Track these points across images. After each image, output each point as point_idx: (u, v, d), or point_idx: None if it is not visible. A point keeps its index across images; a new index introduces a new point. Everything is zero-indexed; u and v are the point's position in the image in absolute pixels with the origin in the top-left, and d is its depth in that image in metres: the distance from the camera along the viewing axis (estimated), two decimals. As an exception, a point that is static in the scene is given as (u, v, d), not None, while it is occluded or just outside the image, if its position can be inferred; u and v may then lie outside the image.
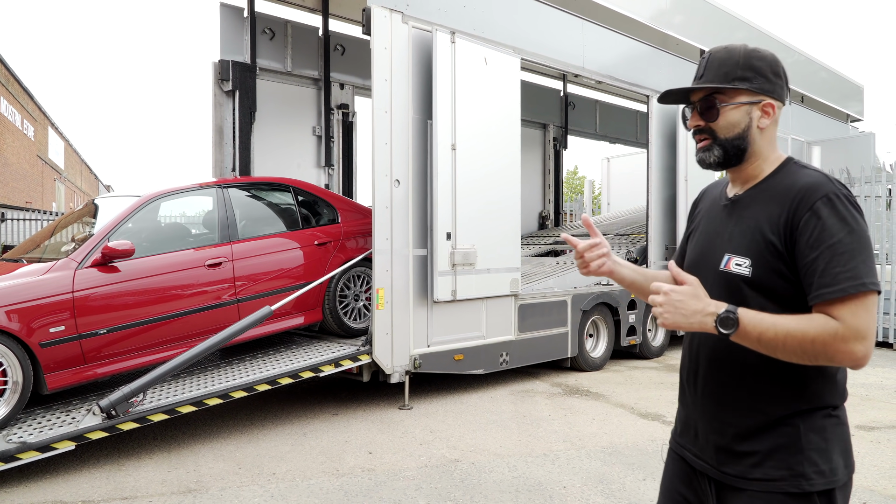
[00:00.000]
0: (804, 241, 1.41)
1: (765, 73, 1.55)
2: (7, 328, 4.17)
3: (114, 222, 4.90)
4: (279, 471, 4.29)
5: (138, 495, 3.89)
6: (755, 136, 1.56)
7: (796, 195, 1.45)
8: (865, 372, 7.64)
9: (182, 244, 5.30)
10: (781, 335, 1.35)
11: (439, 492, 3.95)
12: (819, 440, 1.48)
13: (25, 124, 26.67)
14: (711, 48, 1.62)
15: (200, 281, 5.17)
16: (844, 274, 1.35)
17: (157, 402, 4.60)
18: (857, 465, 4.35)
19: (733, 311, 1.40)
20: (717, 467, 1.58)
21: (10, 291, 4.31)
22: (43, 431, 4.15)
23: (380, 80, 5.62)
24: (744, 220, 1.55)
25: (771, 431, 1.50)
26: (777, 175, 1.56)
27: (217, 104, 7.40)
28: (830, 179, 1.46)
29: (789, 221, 1.44)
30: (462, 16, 6.24)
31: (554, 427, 5.34)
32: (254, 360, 5.56)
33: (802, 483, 1.47)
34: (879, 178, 9.57)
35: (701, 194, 1.84)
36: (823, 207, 1.40)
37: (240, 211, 5.71)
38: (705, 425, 1.61)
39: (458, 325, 6.26)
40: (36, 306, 4.34)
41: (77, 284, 4.53)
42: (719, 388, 1.58)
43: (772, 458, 1.49)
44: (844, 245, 1.37)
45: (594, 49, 7.72)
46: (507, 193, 6.60)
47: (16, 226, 19.27)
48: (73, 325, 4.49)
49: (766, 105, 1.55)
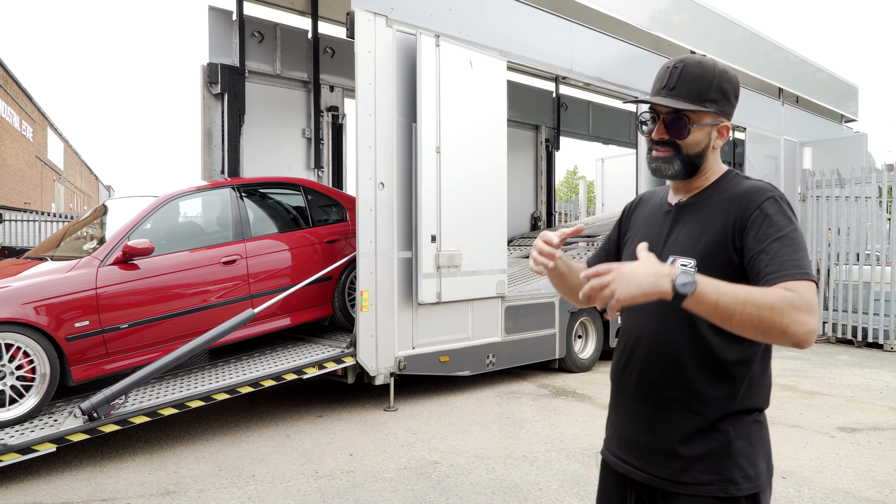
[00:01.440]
0: (752, 235, 1.46)
1: (729, 97, 1.60)
2: (35, 323, 4.40)
3: (133, 222, 5.14)
4: (259, 472, 4.33)
5: (117, 497, 3.92)
6: (709, 154, 1.61)
7: (743, 198, 1.51)
8: (853, 373, 7.67)
9: (198, 242, 5.53)
10: (741, 300, 1.31)
11: (415, 494, 3.98)
12: (746, 446, 1.53)
13: (24, 125, 26.73)
14: (685, 58, 1.60)
15: (216, 278, 5.40)
16: (791, 262, 1.39)
17: (140, 404, 4.64)
18: (834, 467, 4.42)
19: (690, 270, 1.38)
20: (644, 470, 1.59)
21: (38, 288, 4.54)
22: (24, 434, 4.19)
23: (364, 83, 5.65)
24: (689, 225, 1.59)
25: (703, 436, 1.52)
26: (720, 183, 1.61)
27: (206, 107, 7.44)
28: (772, 185, 1.54)
29: (738, 221, 1.49)
30: (448, 19, 6.27)
31: (536, 429, 5.37)
32: (238, 363, 5.60)
33: (731, 488, 1.50)
34: (870, 179, 9.57)
35: (637, 201, 1.85)
36: (770, 206, 1.47)
37: (252, 210, 6.00)
38: (637, 428, 1.62)
39: (444, 327, 6.29)
40: (62, 302, 4.57)
41: (100, 281, 4.78)
42: (653, 390, 1.58)
43: (702, 463, 1.51)
44: (790, 239, 1.42)
45: (582, 51, 7.75)
46: (493, 196, 6.63)
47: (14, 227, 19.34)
48: (97, 320, 4.72)
49: (723, 127, 1.60)
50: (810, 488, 4.07)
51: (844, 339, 9.80)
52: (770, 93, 11.64)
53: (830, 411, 5.94)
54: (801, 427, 5.43)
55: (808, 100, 12.88)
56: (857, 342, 9.61)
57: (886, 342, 9.22)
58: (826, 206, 9.99)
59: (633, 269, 1.33)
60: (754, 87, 11.14)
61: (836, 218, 9.88)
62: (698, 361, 1.53)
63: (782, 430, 5.32)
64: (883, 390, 6.79)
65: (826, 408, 6.07)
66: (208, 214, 6.00)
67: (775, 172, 11.45)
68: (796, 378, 7.37)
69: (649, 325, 1.59)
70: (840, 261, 9.84)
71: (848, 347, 9.54)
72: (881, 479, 4.21)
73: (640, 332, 1.62)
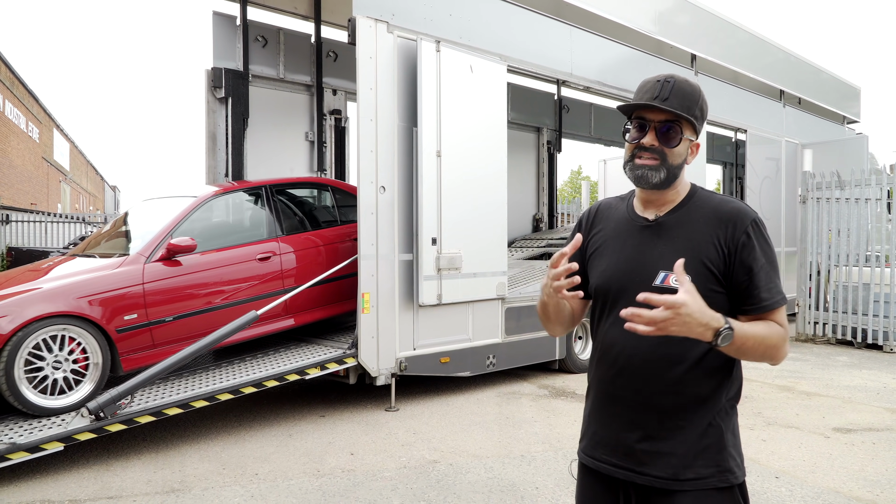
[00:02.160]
0: (743, 261, 1.62)
1: (705, 117, 1.74)
2: (88, 315, 4.73)
3: (175, 220, 5.46)
4: (262, 471, 4.42)
5: (123, 495, 4.02)
6: (681, 168, 1.71)
7: (729, 220, 1.65)
8: (852, 374, 7.73)
9: (235, 240, 5.87)
10: (758, 342, 1.55)
11: (414, 492, 4.06)
12: (734, 437, 1.69)
13: (30, 126, 26.92)
14: (674, 74, 1.69)
15: (252, 273, 5.74)
16: (777, 288, 1.63)
17: (145, 404, 4.74)
18: (827, 467, 4.51)
19: (731, 326, 1.50)
20: (646, 473, 1.64)
21: (90, 283, 4.86)
22: (33, 433, 4.29)
23: (365, 88, 5.74)
24: (675, 240, 1.67)
25: (702, 433, 1.63)
26: (693, 200, 1.72)
27: (210, 111, 7.54)
28: (748, 206, 1.70)
29: (727, 243, 1.63)
30: (448, 24, 6.35)
31: (535, 429, 5.45)
32: (242, 364, 5.69)
33: (729, 477, 1.64)
34: (869, 181, 9.61)
35: (594, 214, 1.87)
36: (754, 233, 1.64)
37: (285, 208, 6.35)
38: (634, 433, 1.66)
39: (445, 329, 6.38)
40: (112, 296, 4.90)
41: (146, 277, 5.12)
42: (653, 398, 1.64)
43: (702, 458, 1.62)
44: (772, 265, 1.64)
45: (582, 55, 7.82)
46: (493, 199, 6.71)
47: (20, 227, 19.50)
48: (144, 314, 5.06)
49: (696, 144, 1.72)
50: (802, 488, 4.14)
51: (845, 340, 9.84)
52: (771, 95, 11.69)
53: (827, 412, 6.01)
54: (797, 427, 5.50)
55: (810, 101, 12.93)
56: (857, 343, 9.65)
57: (886, 343, 9.26)
58: (826, 208, 10.03)
59: (692, 316, 1.43)
60: (755, 90, 11.20)
61: (836, 220, 9.92)
62: (694, 367, 1.63)
63: (778, 431, 5.39)
64: (880, 391, 6.85)
65: (823, 408, 6.13)
66: (244, 213, 6.35)
67: (776, 174, 11.51)
68: (795, 379, 7.43)
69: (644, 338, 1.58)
70: (840, 262, 9.88)
71: (848, 349, 9.59)
72: (873, 479, 4.28)
73: (634, 344, 1.65)
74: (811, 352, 9.32)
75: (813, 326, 10.23)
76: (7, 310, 4.50)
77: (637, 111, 1.68)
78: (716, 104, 10.09)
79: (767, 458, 4.72)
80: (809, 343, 10.11)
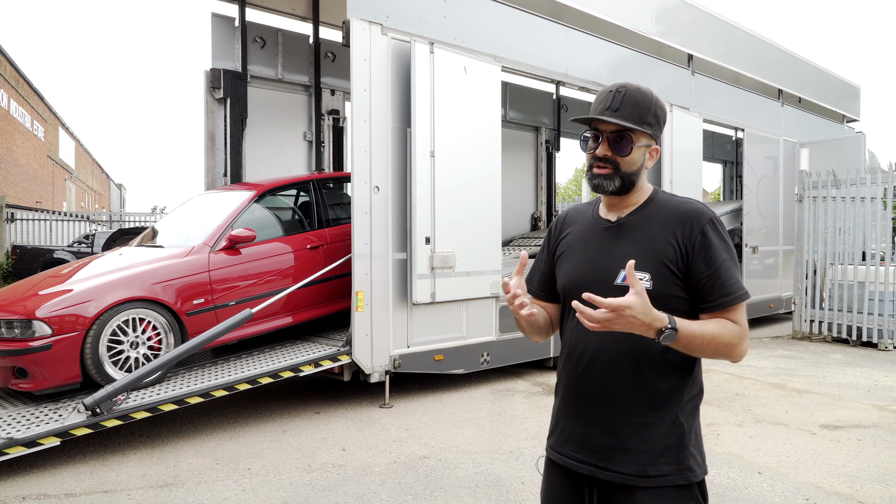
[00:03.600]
0: (701, 260, 1.67)
1: (660, 123, 1.78)
2: (163, 300, 5.23)
3: (235, 212, 5.97)
4: (254, 466, 4.52)
5: (118, 489, 4.12)
6: (642, 173, 1.79)
7: (686, 219, 1.71)
8: (844, 371, 7.78)
9: (287, 230, 6.41)
10: (707, 340, 1.60)
11: (402, 487, 4.15)
12: (696, 437, 1.74)
13: (35, 125, 27.11)
14: (626, 84, 1.75)
15: (304, 261, 6.20)
16: (736, 285, 1.67)
17: (141, 400, 4.83)
18: (810, 463, 4.58)
19: (675, 326, 1.56)
20: (609, 469, 1.69)
21: (163, 271, 5.36)
22: (30, 428, 4.39)
23: (359, 90, 5.82)
24: (635, 240, 1.73)
25: (664, 431, 1.68)
26: (654, 201, 1.79)
27: (209, 111, 7.64)
28: (706, 206, 1.75)
29: (684, 242, 1.68)
30: (442, 26, 6.43)
31: (526, 425, 5.53)
32: (238, 361, 5.79)
33: (689, 475, 1.68)
34: (864, 180, 9.65)
35: (563, 219, 1.96)
36: (711, 231, 1.69)
37: (330, 201, 6.83)
38: (598, 429, 1.72)
39: (439, 327, 6.46)
40: (183, 283, 5.39)
41: (212, 265, 5.60)
42: (616, 394, 1.70)
43: (664, 456, 1.67)
44: (731, 262, 1.69)
45: (578, 55, 7.88)
46: (487, 198, 6.78)
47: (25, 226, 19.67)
48: (211, 299, 5.55)
49: (654, 149, 1.77)
50: (784, 483, 4.21)
51: (840, 338, 9.89)
52: (770, 94, 11.72)
53: (816, 409, 6.07)
54: (785, 424, 5.56)
55: (810, 100, 12.95)
56: (852, 341, 9.70)
57: (881, 341, 9.31)
58: (823, 207, 10.07)
59: (635, 316, 1.50)
60: (753, 89, 11.24)
61: (832, 218, 9.96)
62: (655, 364, 1.68)
63: (766, 427, 5.46)
64: (871, 389, 6.90)
65: (812, 406, 6.19)
66: (294, 205, 6.83)
67: (774, 173, 11.55)
68: (788, 376, 7.48)
69: (607, 335, 1.67)
70: (836, 261, 9.93)
71: (843, 346, 9.64)
72: (854, 475, 4.35)
73: (599, 341, 1.71)
74: (806, 349, 9.37)
75: (809, 324, 10.27)
76: (91, 295, 4.97)
77: (593, 122, 1.75)
78: (713, 103, 10.15)
79: (752, 454, 4.79)
80: (805, 341, 10.16)
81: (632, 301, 1.48)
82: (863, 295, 9.53)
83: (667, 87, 9.18)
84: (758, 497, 4.00)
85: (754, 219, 11.01)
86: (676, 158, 9.03)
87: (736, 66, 10.65)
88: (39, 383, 4.80)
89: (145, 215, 23.40)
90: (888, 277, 9.23)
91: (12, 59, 23.60)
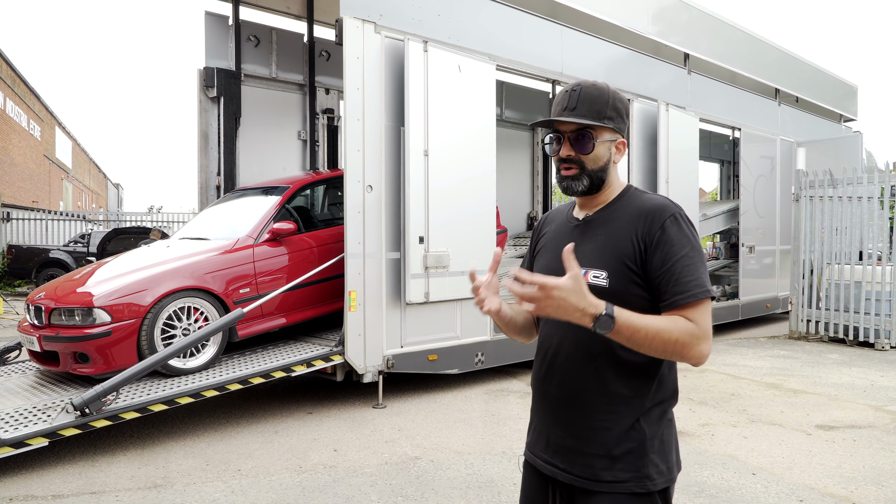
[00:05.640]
0: (657, 255, 1.60)
1: (622, 115, 1.72)
2: (211, 289, 5.52)
3: (275, 206, 6.27)
4: (244, 467, 4.48)
5: (106, 490, 4.08)
6: (610, 169, 1.74)
7: (647, 215, 1.64)
8: (841, 371, 7.75)
9: (325, 223, 6.69)
10: (652, 335, 1.50)
11: (393, 488, 4.11)
12: (659, 443, 1.65)
13: (32, 124, 27.04)
14: (581, 82, 1.72)
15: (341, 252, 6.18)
16: (694, 282, 1.56)
17: (130, 400, 4.79)
18: (805, 464, 4.54)
19: (611, 314, 1.48)
20: (568, 471, 1.67)
21: (212, 261, 5.67)
22: (18, 428, 4.35)
23: (352, 88, 5.78)
24: (597, 238, 1.70)
25: (623, 436, 1.62)
26: (622, 199, 1.73)
27: (202, 110, 7.60)
28: (671, 201, 1.67)
29: (643, 238, 1.62)
30: (436, 25, 6.39)
31: (519, 426, 5.49)
32: (230, 361, 5.75)
33: (647, 483, 1.61)
34: (861, 180, 9.62)
35: (544, 219, 1.98)
36: (671, 226, 1.61)
37: None
38: (559, 430, 1.71)
39: (433, 326, 6.42)
40: (230, 272, 5.69)
41: (256, 256, 5.90)
42: (574, 395, 1.68)
43: (622, 461, 1.62)
44: (690, 258, 1.59)
45: (573, 54, 7.85)
46: (482, 197, 6.75)
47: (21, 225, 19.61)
48: (255, 288, 5.83)
49: (620, 143, 1.73)
50: (778, 484, 4.18)
51: (837, 338, 9.86)
52: (767, 93, 11.70)
53: (811, 409, 6.04)
54: (780, 425, 5.53)
55: (807, 100, 12.94)
56: (849, 341, 9.67)
57: (878, 341, 9.28)
58: (820, 206, 10.04)
59: (566, 299, 1.42)
60: (750, 88, 11.22)
61: (829, 218, 9.94)
62: (614, 366, 1.63)
63: (760, 428, 5.43)
64: (867, 389, 6.87)
65: (808, 406, 6.16)
66: (329, 199, 7.11)
67: (771, 172, 11.53)
68: (783, 377, 7.46)
69: (567, 333, 1.67)
70: (833, 260, 9.90)
71: (840, 346, 9.61)
72: (849, 476, 4.32)
73: (559, 340, 1.71)
74: (803, 349, 9.35)
75: (805, 324, 10.25)
76: (146, 284, 5.26)
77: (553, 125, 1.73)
78: (710, 103, 10.13)
79: (746, 454, 4.76)
80: (802, 341, 10.13)
81: (561, 282, 1.42)
82: (860, 295, 9.51)
83: (663, 87, 9.15)
84: (751, 498, 3.97)
85: (751, 218, 10.99)
86: (672, 157, 9.00)
87: (733, 65, 10.62)
88: (99, 368, 5.06)
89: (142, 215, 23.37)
90: (885, 277, 9.21)
91: (8, 59, 23.53)
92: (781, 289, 11.71)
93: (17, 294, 17.00)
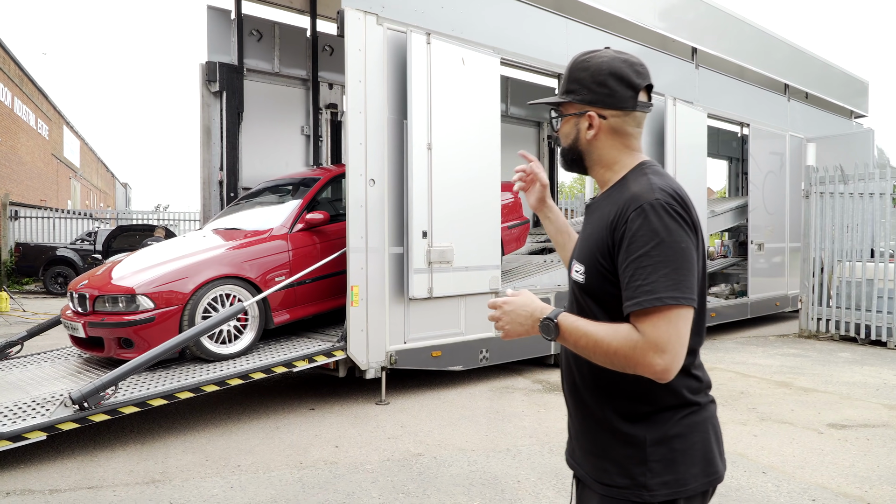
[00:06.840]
0: (621, 253, 1.42)
1: (586, 84, 1.55)
2: (248, 277, 5.66)
3: (307, 197, 6.38)
4: (244, 463, 4.41)
5: (104, 485, 4.02)
6: (585, 147, 1.59)
7: (622, 205, 1.45)
8: (852, 370, 7.62)
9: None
10: (592, 344, 1.38)
11: (394, 484, 4.04)
12: (665, 451, 1.48)
13: (40, 123, 27.12)
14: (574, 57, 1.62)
15: None
16: (643, 288, 1.35)
17: (130, 394, 4.73)
18: (817, 463, 4.42)
19: (553, 318, 1.41)
20: (580, 465, 1.65)
21: (249, 250, 5.81)
22: (16, 422, 4.30)
23: (354, 81, 5.71)
24: (588, 226, 1.59)
25: (618, 441, 1.52)
26: (623, 181, 1.54)
27: (204, 105, 7.55)
28: (654, 188, 1.43)
29: (612, 231, 1.45)
30: (439, 16, 6.31)
31: (524, 423, 5.40)
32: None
33: (644, 494, 1.47)
34: (873, 176, 9.48)
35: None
36: (635, 219, 1.40)
37: None
38: (573, 430, 1.69)
39: (436, 322, 6.34)
40: (266, 260, 5.84)
41: (291, 245, 6.05)
42: (576, 396, 1.63)
43: (618, 466, 1.51)
44: (649, 258, 1.36)
45: (579, 48, 7.70)
46: (486, 192, 6.66)
47: (29, 223, 19.66)
48: (290, 276, 5.90)
49: (587, 116, 1.56)
50: (789, 483, 4.08)
51: (847, 336, 9.72)
52: (776, 89, 11.56)
53: (823, 408, 5.92)
54: (791, 423, 5.42)
55: (817, 96, 12.78)
56: (860, 340, 9.53)
57: (890, 340, 9.14)
58: (830, 203, 9.90)
59: (514, 310, 1.46)
60: (759, 84, 11.07)
61: (840, 215, 9.79)
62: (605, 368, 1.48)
63: (771, 426, 5.32)
64: (880, 388, 6.75)
65: (819, 404, 6.05)
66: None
67: (780, 169, 11.39)
68: (794, 375, 7.33)
69: None
70: (844, 258, 9.76)
71: (851, 345, 9.47)
72: (862, 475, 4.21)
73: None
74: (813, 348, 9.21)
75: (816, 322, 10.11)
76: (187, 272, 5.42)
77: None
78: (718, 98, 10.00)
79: (757, 453, 4.65)
80: (812, 339, 9.99)
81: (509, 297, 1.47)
82: (871, 292, 9.36)
83: (670, 82, 9.03)
84: (762, 497, 3.87)
85: (760, 215, 10.85)
86: (680, 153, 8.88)
87: (741, 60, 10.49)
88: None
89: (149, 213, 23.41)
90: (897, 274, 9.06)
91: (16, 58, 23.61)
92: (791, 287, 11.56)
93: (24, 292, 17.03)
